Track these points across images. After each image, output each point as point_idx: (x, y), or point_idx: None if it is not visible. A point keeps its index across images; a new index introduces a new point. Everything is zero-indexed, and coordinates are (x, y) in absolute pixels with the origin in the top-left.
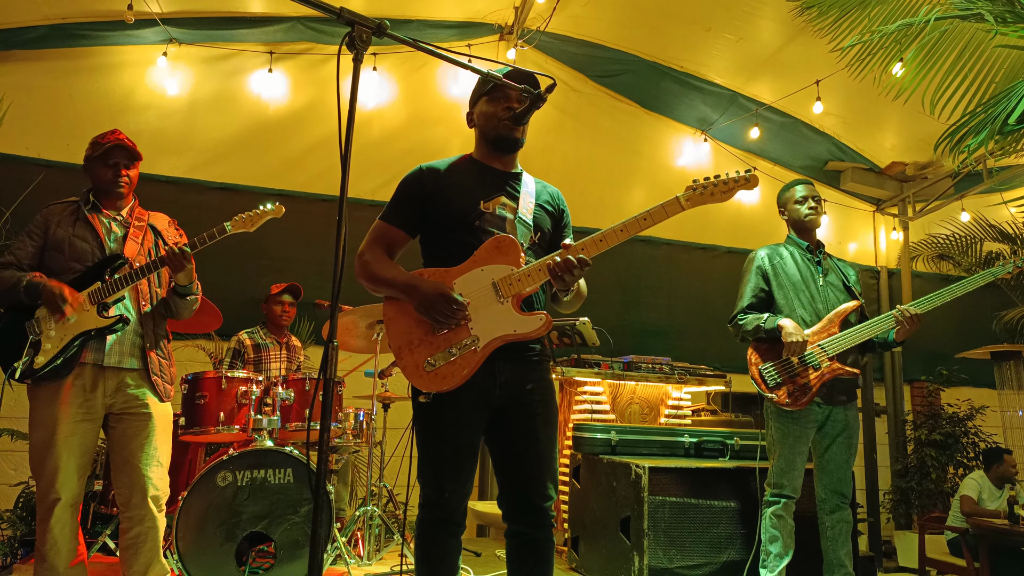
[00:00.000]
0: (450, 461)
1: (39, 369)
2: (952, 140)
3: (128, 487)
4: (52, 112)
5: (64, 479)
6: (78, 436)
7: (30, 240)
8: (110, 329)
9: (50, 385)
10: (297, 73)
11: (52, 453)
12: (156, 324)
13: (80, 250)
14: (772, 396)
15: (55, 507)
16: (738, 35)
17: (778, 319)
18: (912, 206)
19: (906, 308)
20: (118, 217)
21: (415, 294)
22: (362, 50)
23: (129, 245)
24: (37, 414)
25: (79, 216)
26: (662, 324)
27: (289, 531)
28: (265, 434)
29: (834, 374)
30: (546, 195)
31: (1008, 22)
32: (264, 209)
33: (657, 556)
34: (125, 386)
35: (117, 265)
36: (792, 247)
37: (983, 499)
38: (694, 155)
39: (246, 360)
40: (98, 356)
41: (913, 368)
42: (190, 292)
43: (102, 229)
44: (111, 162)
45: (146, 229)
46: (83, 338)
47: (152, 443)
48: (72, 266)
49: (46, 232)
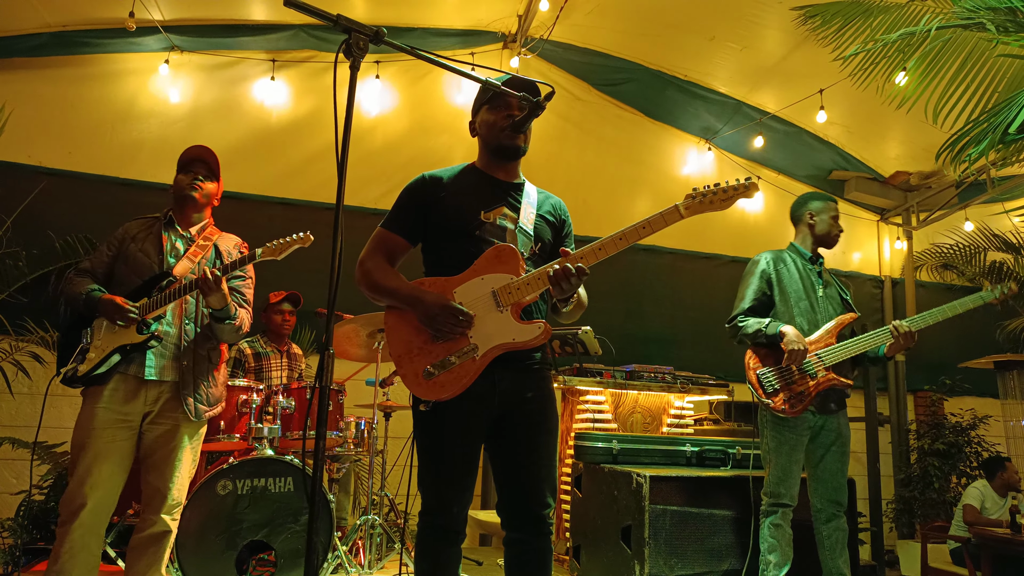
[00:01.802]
0: (450, 470)
1: (82, 376)
2: (953, 150)
3: (150, 491)
4: (54, 120)
5: (95, 482)
6: (116, 443)
7: (107, 250)
8: (144, 345)
9: (93, 389)
10: (300, 81)
11: (86, 457)
12: (198, 345)
13: (141, 264)
14: (769, 402)
15: (81, 511)
16: (742, 44)
17: (780, 325)
18: (916, 216)
19: (901, 324)
20: (185, 234)
21: (419, 306)
22: (359, 57)
23: (183, 263)
24: (80, 418)
25: (152, 231)
26: (665, 333)
27: (290, 540)
28: (266, 443)
29: (830, 384)
30: (548, 205)
31: (1010, 31)
32: (293, 238)
33: (658, 565)
34: (164, 396)
35: (165, 283)
36: (796, 256)
37: (986, 508)
38: (698, 164)
39: (247, 369)
40: (140, 369)
41: (916, 378)
42: (227, 316)
43: (167, 245)
44: (190, 170)
45: (208, 248)
46: (121, 351)
47: (178, 454)
48: (132, 279)
49: (121, 244)
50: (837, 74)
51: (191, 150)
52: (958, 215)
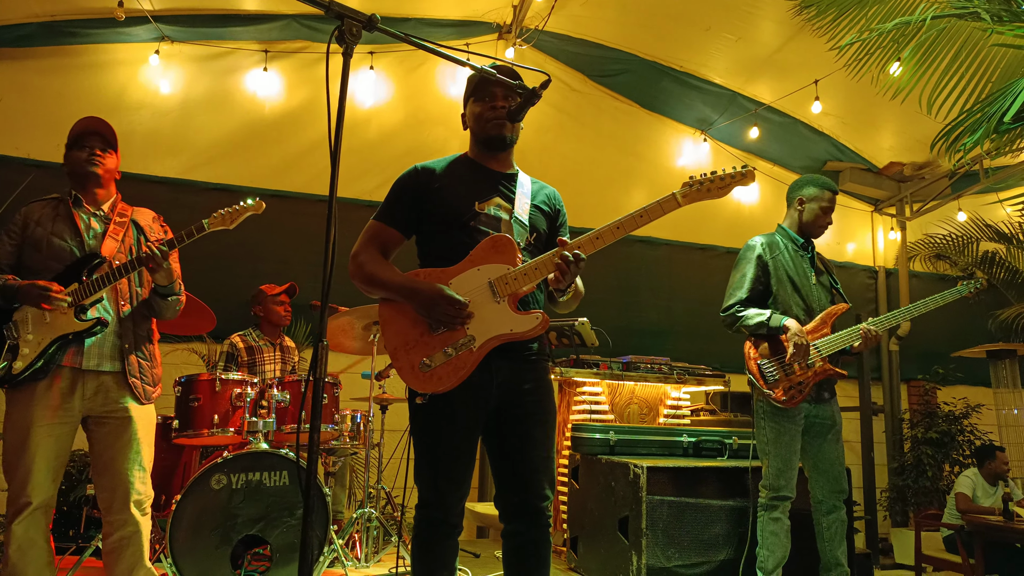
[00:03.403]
0: (447, 462)
1: (18, 374)
2: (948, 139)
3: (110, 491)
4: (41, 111)
5: (36, 483)
6: (53, 440)
7: (8, 239)
8: (88, 332)
9: (27, 388)
10: (292, 72)
11: (25, 457)
12: (137, 325)
13: (58, 248)
14: (770, 393)
15: (25, 510)
16: (737, 35)
17: (783, 319)
18: (910, 206)
19: (869, 327)
20: (98, 212)
21: (415, 297)
22: (352, 44)
23: (108, 243)
24: (12, 417)
25: (59, 213)
26: (661, 324)
27: (285, 534)
28: (260, 436)
29: (826, 374)
30: (542, 195)
31: (1005, 20)
32: (244, 205)
33: (655, 555)
34: (104, 389)
35: (95, 265)
36: (787, 240)
37: (977, 496)
38: (694, 155)
39: (240, 363)
40: (76, 359)
41: (910, 367)
42: (172, 292)
43: (81, 225)
44: (84, 145)
45: (128, 225)
46: (60, 342)
47: (133, 447)
48: (50, 265)
49: (24, 230)
50: (832, 65)
51: (81, 122)
52: (951, 205)
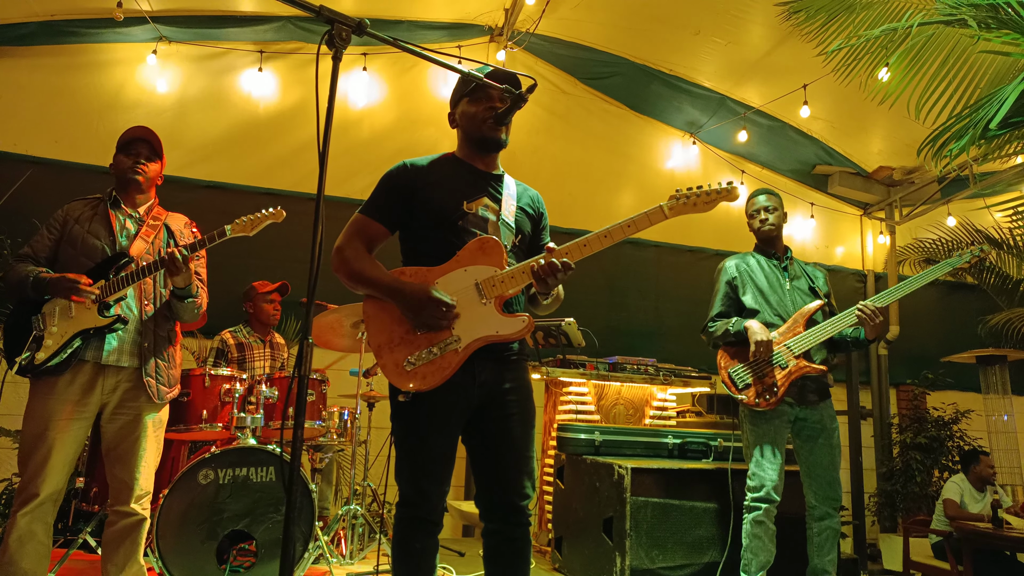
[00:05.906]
0: (428, 460)
1: (39, 365)
2: (935, 145)
3: (117, 484)
4: (40, 109)
5: (48, 474)
6: (70, 435)
7: (48, 233)
8: (109, 328)
9: (48, 380)
10: (287, 72)
11: (42, 448)
12: (158, 326)
13: (91, 246)
14: (742, 397)
15: (31, 501)
16: (727, 39)
17: (744, 321)
18: (899, 210)
19: (867, 304)
20: (134, 214)
21: (400, 297)
22: (341, 48)
23: (137, 243)
24: (32, 407)
25: (98, 212)
26: (648, 326)
27: (271, 529)
28: (248, 432)
29: (801, 372)
30: (527, 198)
31: (992, 28)
32: (265, 213)
33: (639, 557)
34: (122, 385)
35: (122, 264)
36: (759, 255)
37: (964, 502)
38: (683, 158)
39: (230, 359)
40: (97, 354)
41: (899, 372)
42: (188, 295)
43: (116, 226)
44: (132, 151)
45: (160, 228)
46: (82, 336)
47: (142, 443)
48: (82, 262)
49: (64, 226)
50: (821, 69)
51: (132, 130)
52: (940, 210)
